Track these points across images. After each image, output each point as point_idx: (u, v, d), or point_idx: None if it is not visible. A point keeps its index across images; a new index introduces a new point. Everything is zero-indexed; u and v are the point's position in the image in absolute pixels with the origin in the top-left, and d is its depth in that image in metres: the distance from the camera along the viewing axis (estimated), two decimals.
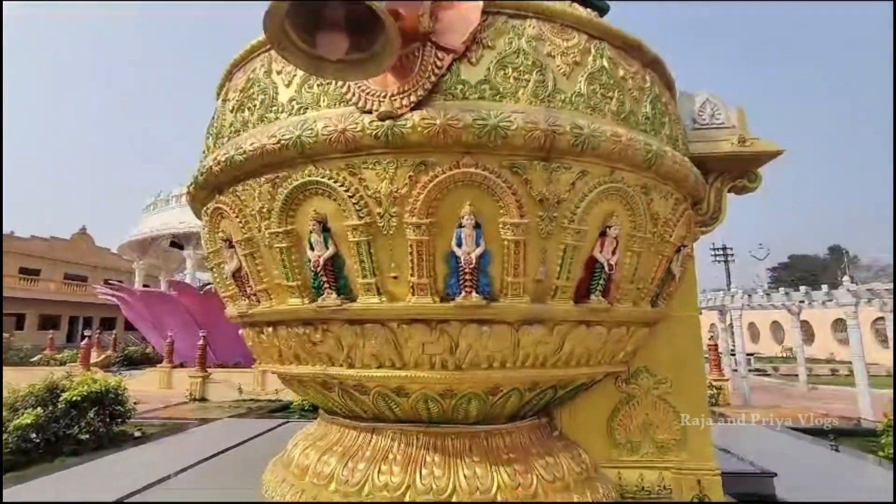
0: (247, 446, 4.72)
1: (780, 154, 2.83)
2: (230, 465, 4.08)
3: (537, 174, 2.09)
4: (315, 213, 2.16)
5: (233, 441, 4.92)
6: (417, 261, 2.09)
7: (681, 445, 2.85)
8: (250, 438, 5.03)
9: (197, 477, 3.67)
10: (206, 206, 2.71)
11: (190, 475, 3.67)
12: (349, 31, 1.60)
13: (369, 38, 1.64)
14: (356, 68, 1.70)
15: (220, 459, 4.21)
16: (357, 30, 1.64)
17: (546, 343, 2.33)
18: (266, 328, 2.60)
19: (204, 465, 4.01)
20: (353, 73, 1.74)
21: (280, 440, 5.07)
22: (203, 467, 3.94)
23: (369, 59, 1.68)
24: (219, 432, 5.80)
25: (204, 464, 4.03)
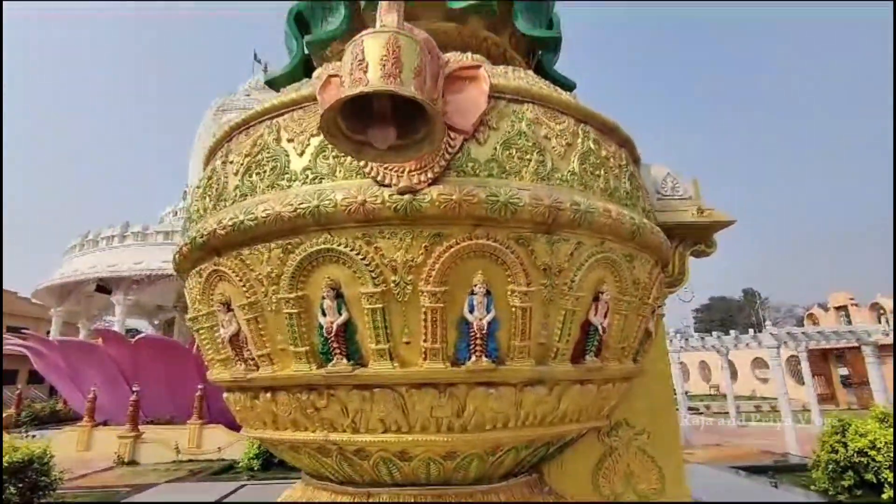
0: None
1: (732, 224, 3.22)
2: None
3: (541, 245, 2.28)
4: (329, 279, 2.21)
5: None
6: (431, 327, 2.18)
7: (660, 494, 3.02)
8: None
9: None
10: (200, 267, 2.66)
11: None
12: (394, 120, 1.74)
13: (410, 126, 1.78)
14: (396, 154, 1.83)
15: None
16: (398, 117, 1.78)
17: (545, 402, 2.46)
18: (263, 394, 2.54)
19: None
20: (392, 158, 1.87)
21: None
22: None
23: (409, 146, 1.82)
24: (163, 500, 5.32)
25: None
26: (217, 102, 23.59)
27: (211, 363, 2.86)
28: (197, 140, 22.66)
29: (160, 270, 15.97)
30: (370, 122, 1.77)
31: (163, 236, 17.04)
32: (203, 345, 2.86)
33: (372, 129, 1.72)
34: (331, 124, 1.71)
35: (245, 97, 22.96)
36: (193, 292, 2.77)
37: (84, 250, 17.49)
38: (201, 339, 2.84)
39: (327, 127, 1.72)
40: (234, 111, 22.16)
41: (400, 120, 1.84)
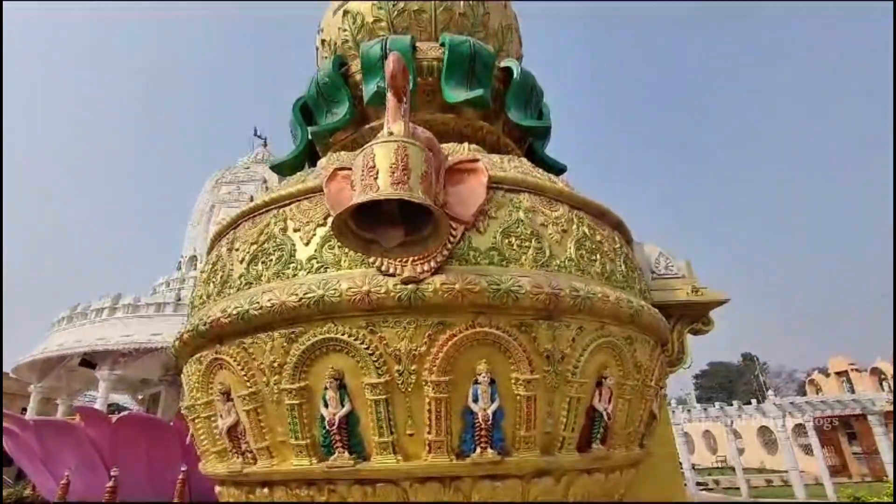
0: None
1: (727, 302, 3.29)
2: None
3: (543, 332, 2.31)
4: (332, 369, 2.21)
5: None
6: (435, 418, 2.15)
7: None
8: None
9: None
10: (200, 354, 2.65)
11: None
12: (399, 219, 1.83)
13: (415, 222, 1.87)
14: (403, 250, 1.91)
15: None
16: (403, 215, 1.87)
17: (552, 493, 2.37)
18: (260, 489, 2.43)
19: None
20: (399, 254, 1.95)
21: None
22: None
23: (415, 243, 1.90)
24: None
25: None
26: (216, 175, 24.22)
27: (205, 455, 2.76)
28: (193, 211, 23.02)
29: (150, 343, 15.59)
30: (378, 221, 1.86)
31: (154, 308, 16.81)
32: (198, 435, 2.77)
33: (381, 230, 1.80)
34: (342, 226, 1.80)
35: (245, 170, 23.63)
36: (192, 380, 2.73)
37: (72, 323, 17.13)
38: (197, 429, 2.76)
39: (338, 228, 1.80)
40: (233, 184, 22.74)
41: (405, 217, 1.93)
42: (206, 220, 21.95)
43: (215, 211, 22.13)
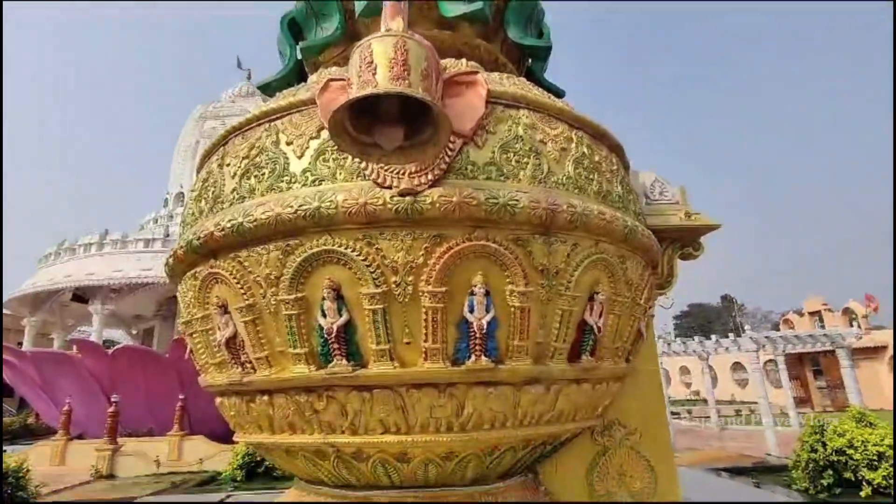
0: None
1: (718, 228, 3.33)
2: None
3: (539, 247, 2.33)
4: (330, 280, 2.22)
5: None
6: (431, 327, 2.21)
7: (652, 492, 3.07)
8: None
9: None
10: (195, 270, 2.64)
11: None
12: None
13: (414, 128, 1.82)
14: (401, 155, 1.86)
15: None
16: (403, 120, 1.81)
17: (543, 402, 2.49)
18: (260, 397, 2.52)
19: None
20: (398, 160, 1.90)
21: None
22: None
23: (415, 148, 1.85)
24: None
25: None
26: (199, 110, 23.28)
27: (204, 368, 2.83)
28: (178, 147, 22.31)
29: (140, 279, 15.61)
30: (376, 123, 1.80)
31: (143, 244, 16.66)
32: (197, 349, 2.83)
33: (380, 131, 1.74)
34: (338, 126, 1.74)
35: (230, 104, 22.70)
36: (188, 296, 2.74)
37: (60, 258, 16.98)
38: (195, 343, 2.81)
39: (335, 128, 1.74)
40: (218, 118, 21.93)
41: (404, 122, 1.87)
42: (191, 156, 21.38)
43: (200, 146, 21.49)
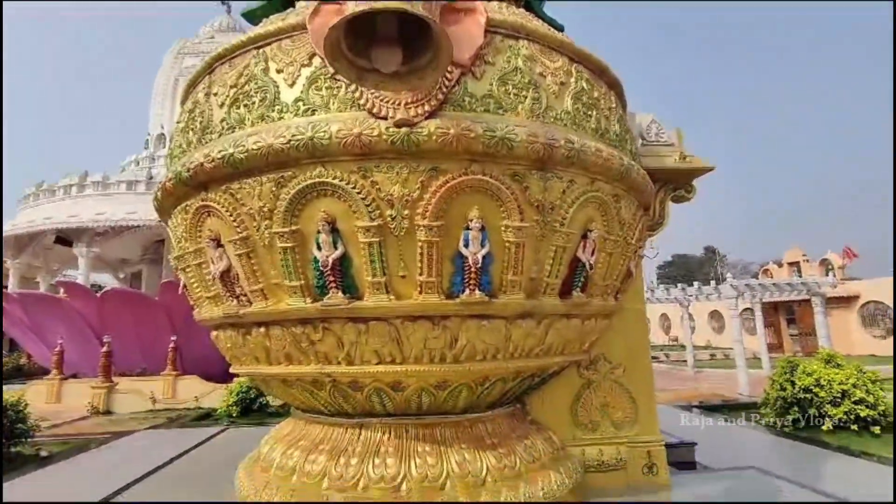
0: (191, 456, 4.45)
1: (712, 170, 3.33)
2: (184, 475, 3.84)
3: (535, 182, 2.32)
4: (325, 213, 2.20)
5: (169, 453, 4.60)
6: (427, 261, 2.22)
7: (633, 422, 3.25)
8: (191, 448, 4.74)
9: (154, 489, 3.42)
10: (186, 203, 2.60)
11: (141, 489, 3.41)
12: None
13: (413, 52, 1.74)
14: (399, 81, 1.79)
15: (170, 470, 3.95)
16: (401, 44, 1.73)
17: (533, 335, 2.57)
18: (256, 329, 2.56)
19: (153, 477, 3.74)
20: (395, 86, 1.84)
21: (228, 447, 4.85)
22: (154, 480, 3.68)
23: (413, 73, 1.78)
24: (147, 445, 5.37)
25: (153, 476, 3.76)
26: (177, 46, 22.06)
27: (199, 302, 2.84)
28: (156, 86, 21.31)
29: (125, 221, 15.35)
30: (373, 47, 1.72)
31: (126, 186, 16.24)
32: (190, 283, 2.83)
33: (377, 53, 1.67)
34: (334, 47, 1.66)
35: (208, 40, 21.51)
36: (179, 230, 2.71)
37: (40, 200, 16.51)
38: (188, 277, 2.81)
39: (331, 49, 1.66)
40: (197, 55, 20.82)
41: (402, 47, 1.79)
42: (170, 95, 20.45)
43: (179, 84, 20.53)
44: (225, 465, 4.03)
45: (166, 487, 3.42)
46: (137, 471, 3.74)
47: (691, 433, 4.54)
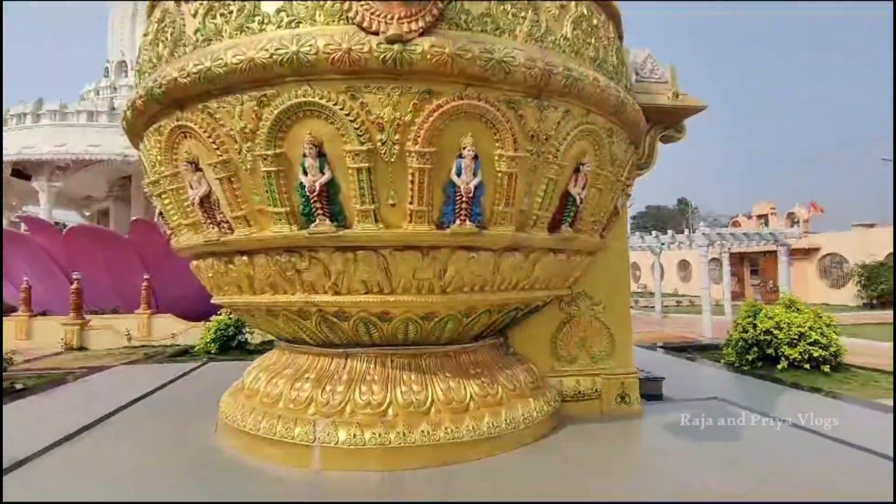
0: (172, 387, 4.46)
1: (704, 109, 3.29)
2: (165, 405, 3.86)
3: (531, 111, 2.24)
4: (311, 136, 2.10)
5: (149, 385, 4.61)
6: (418, 189, 2.16)
7: (610, 356, 3.38)
8: (172, 380, 4.76)
9: (136, 418, 3.44)
10: (159, 123, 2.44)
11: (122, 418, 3.42)
12: None
13: None
14: None
15: (151, 401, 3.96)
16: None
17: (521, 268, 2.58)
18: (239, 257, 2.50)
19: (135, 407, 3.75)
20: None
21: (209, 379, 4.87)
22: (135, 409, 3.69)
23: None
24: (126, 378, 5.36)
25: (134, 406, 3.77)
26: None
27: (177, 230, 2.74)
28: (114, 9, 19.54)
29: (87, 155, 14.49)
30: None
31: (86, 116, 15.21)
32: (167, 210, 2.71)
33: None
34: None
35: None
36: (153, 153, 2.56)
37: None
38: (164, 204, 2.69)
39: None
40: None
41: None
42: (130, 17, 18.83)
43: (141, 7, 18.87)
44: (207, 395, 4.07)
45: (148, 417, 3.44)
46: (117, 401, 3.75)
47: (657, 371, 4.77)
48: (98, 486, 2.27)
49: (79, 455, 2.75)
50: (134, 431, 3.18)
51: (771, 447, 2.77)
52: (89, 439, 3.02)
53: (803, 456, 2.65)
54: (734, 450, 2.73)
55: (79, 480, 2.37)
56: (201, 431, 3.05)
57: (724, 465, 2.48)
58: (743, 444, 2.82)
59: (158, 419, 3.46)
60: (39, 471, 2.50)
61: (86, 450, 2.84)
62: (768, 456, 2.63)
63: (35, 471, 2.49)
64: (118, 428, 3.26)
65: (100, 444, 2.94)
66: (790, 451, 2.71)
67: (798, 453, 2.69)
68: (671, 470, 2.44)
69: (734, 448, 2.76)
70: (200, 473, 2.42)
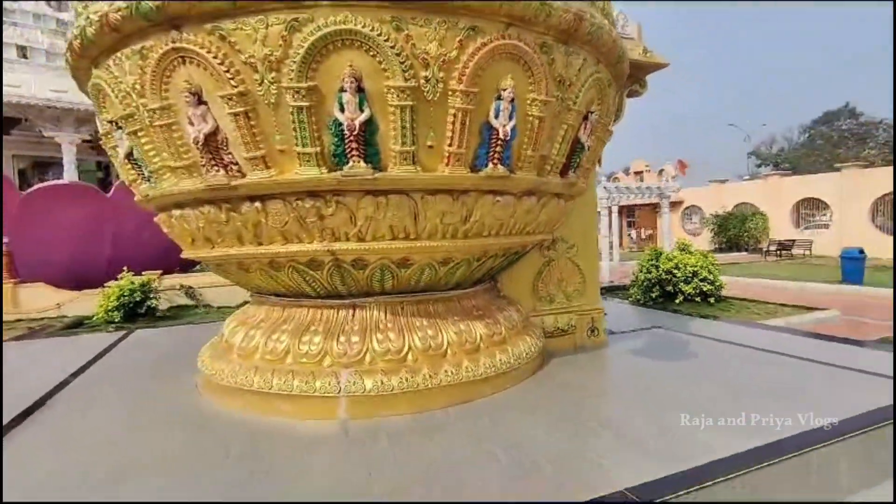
0: (114, 357, 3.92)
1: (667, 66, 3.59)
2: (120, 377, 3.41)
3: (560, 56, 2.29)
4: (352, 68, 1.94)
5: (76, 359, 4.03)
6: (459, 130, 2.13)
7: (582, 294, 3.70)
8: (106, 350, 4.17)
9: (97, 390, 2.99)
10: (142, 44, 2.07)
11: (77, 390, 2.96)
12: None
13: None
14: None
15: (94, 374, 3.47)
16: None
17: (532, 212, 2.70)
18: (248, 204, 2.26)
19: (76, 382, 3.26)
20: None
21: (153, 347, 4.36)
22: (82, 383, 3.21)
23: None
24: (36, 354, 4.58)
25: (74, 382, 3.28)
26: None
27: (158, 173, 2.38)
28: None
29: None
30: None
31: None
32: (145, 151, 2.34)
33: None
34: None
35: None
36: (129, 80, 2.17)
37: None
38: (142, 143, 2.31)
39: None
40: None
41: None
42: None
43: None
44: (167, 362, 3.70)
45: (112, 385, 3.03)
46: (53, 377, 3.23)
47: None
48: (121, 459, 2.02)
49: (55, 434, 2.38)
50: (106, 402, 2.80)
51: (725, 361, 3.31)
52: (52, 410, 2.62)
53: (749, 363, 3.22)
54: (698, 365, 3.22)
55: (64, 455, 2.08)
56: (185, 397, 2.80)
57: (700, 377, 2.93)
58: (702, 360, 3.33)
59: (127, 387, 3.08)
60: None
61: (56, 422, 2.46)
62: (728, 368, 3.15)
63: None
64: (82, 399, 2.85)
65: (70, 414, 2.56)
66: (743, 362, 3.26)
67: (747, 361, 3.25)
68: (658, 385, 2.81)
69: (698, 363, 3.26)
70: (225, 440, 2.24)
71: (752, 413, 2.24)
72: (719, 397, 2.54)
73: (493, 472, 1.84)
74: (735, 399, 2.49)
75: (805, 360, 3.21)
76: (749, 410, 2.27)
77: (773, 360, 3.28)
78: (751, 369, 3.09)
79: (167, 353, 4.06)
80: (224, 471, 1.90)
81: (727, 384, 2.75)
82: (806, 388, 2.69)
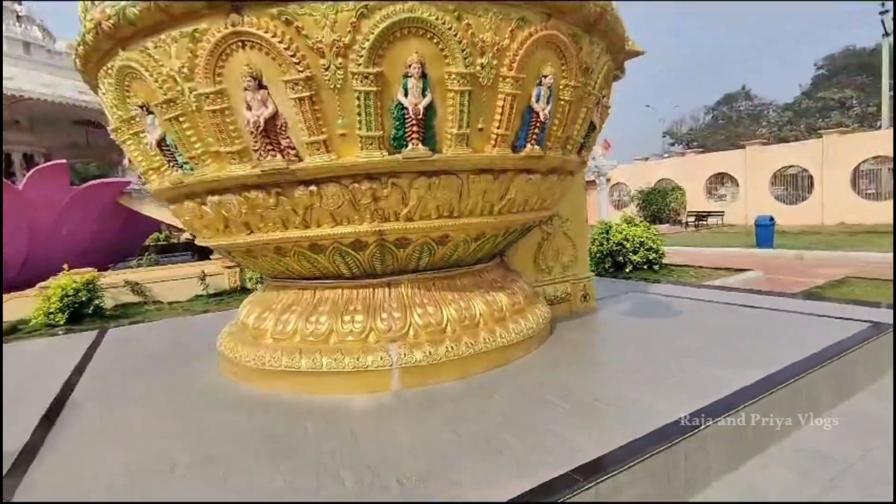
0: (109, 358, 3.69)
1: (644, 53, 3.93)
2: (129, 374, 3.25)
3: (586, 45, 2.52)
4: (418, 54, 2.05)
5: (56, 364, 3.79)
6: (508, 114, 2.31)
7: (574, 264, 4.03)
8: (89, 352, 3.91)
9: (119, 387, 2.85)
10: (195, 28, 2.03)
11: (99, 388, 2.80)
12: None
13: None
14: None
15: (93, 375, 3.28)
16: None
17: (551, 189, 2.94)
18: (301, 188, 2.29)
19: (87, 376, 3.08)
20: None
21: (144, 344, 4.13)
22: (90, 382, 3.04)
23: None
24: None
25: (87, 375, 3.10)
26: None
27: (200, 159, 2.34)
28: None
29: None
30: None
31: None
32: (187, 137, 2.29)
33: None
34: None
35: None
36: (179, 61, 2.11)
37: None
38: (183, 128, 2.26)
39: None
40: None
41: None
42: None
43: None
44: (171, 355, 3.59)
45: (128, 382, 2.88)
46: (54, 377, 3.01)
47: None
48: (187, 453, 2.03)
49: (91, 433, 2.31)
50: (139, 396, 2.72)
51: (703, 314, 3.78)
52: (82, 410, 2.52)
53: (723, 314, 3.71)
54: (683, 319, 3.67)
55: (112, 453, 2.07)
56: (220, 383, 2.80)
57: (687, 328, 3.36)
58: (685, 315, 3.79)
59: (152, 380, 2.98)
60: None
61: (100, 420, 2.38)
62: (706, 318, 3.62)
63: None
64: (116, 397, 2.74)
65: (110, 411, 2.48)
66: (717, 313, 3.75)
67: (721, 312, 3.75)
68: (658, 337, 3.21)
69: (682, 318, 3.71)
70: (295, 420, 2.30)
71: (738, 353, 2.68)
72: (711, 342, 2.97)
73: (564, 413, 2.09)
74: (723, 343, 2.93)
75: (762, 309, 3.77)
76: (734, 352, 2.70)
77: (737, 311, 3.81)
78: (726, 318, 3.59)
79: (163, 348, 3.92)
80: (318, 444, 1.99)
81: (712, 331, 3.20)
82: (776, 330, 3.20)
